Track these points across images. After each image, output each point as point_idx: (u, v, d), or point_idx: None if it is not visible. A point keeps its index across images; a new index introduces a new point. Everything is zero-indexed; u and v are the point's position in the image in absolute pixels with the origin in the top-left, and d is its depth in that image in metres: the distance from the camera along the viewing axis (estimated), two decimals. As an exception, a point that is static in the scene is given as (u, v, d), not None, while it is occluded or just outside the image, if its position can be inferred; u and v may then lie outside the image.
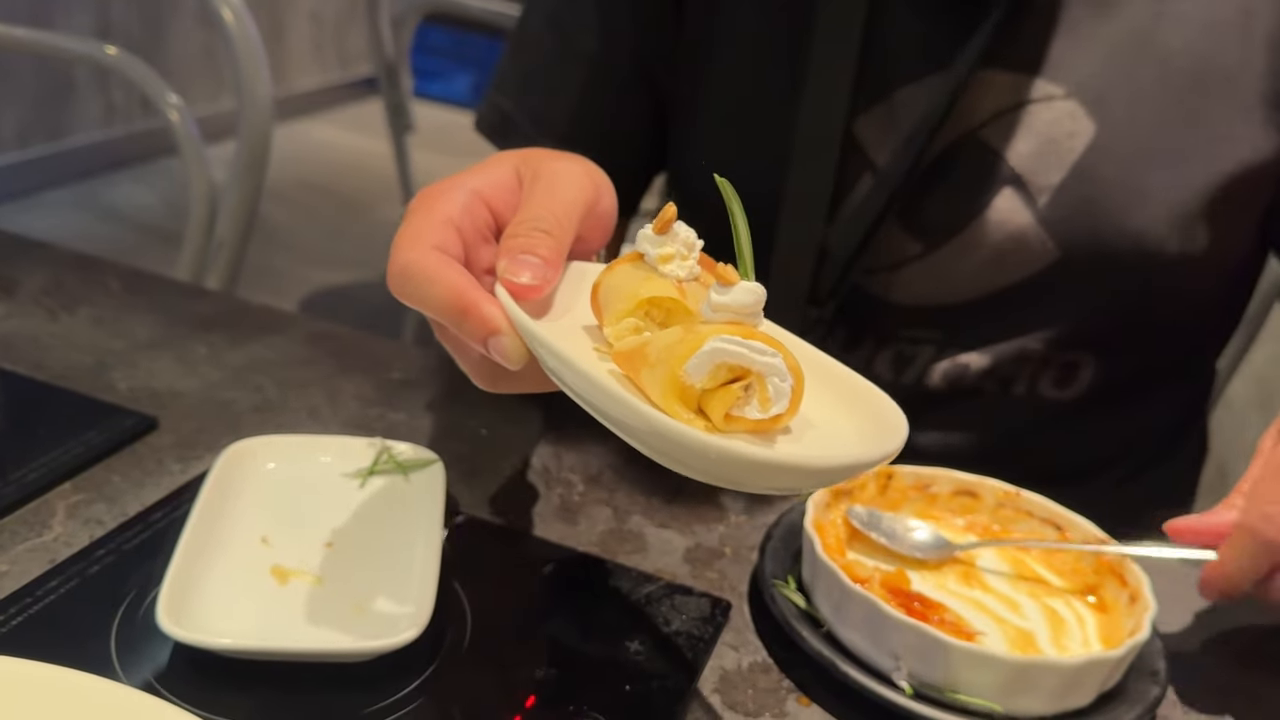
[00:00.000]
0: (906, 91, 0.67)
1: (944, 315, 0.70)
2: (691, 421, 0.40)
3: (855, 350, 0.73)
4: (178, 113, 1.04)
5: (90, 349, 0.68)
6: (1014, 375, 0.71)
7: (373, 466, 0.56)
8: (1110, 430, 0.75)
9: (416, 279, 0.44)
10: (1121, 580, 0.52)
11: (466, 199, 0.47)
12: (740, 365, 0.39)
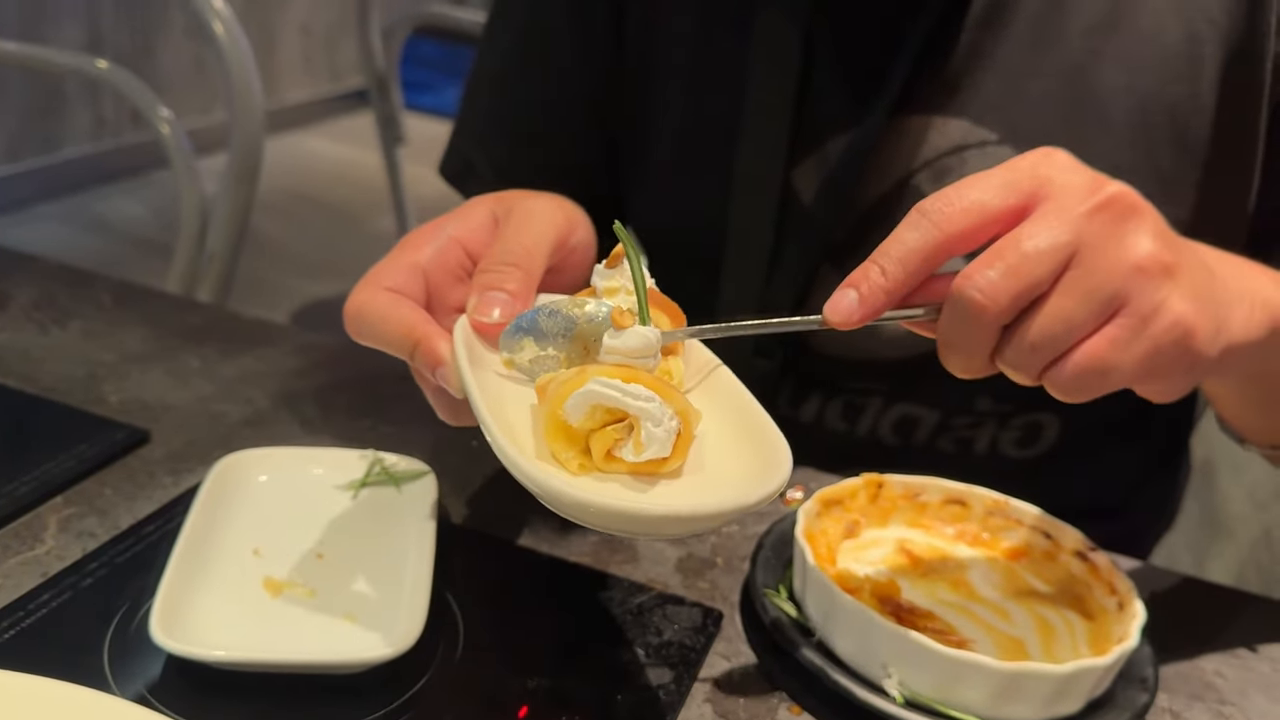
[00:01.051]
0: (838, 140, 0.67)
1: (889, 366, 0.70)
2: (571, 459, 0.41)
3: (805, 401, 0.73)
4: (169, 126, 1.04)
5: (81, 362, 0.68)
6: (973, 436, 0.71)
7: (365, 478, 0.56)
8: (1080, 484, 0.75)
9: (369, 318, 0.46)
10: (1110, 588, 0.53)
11: (441, 244, 0.49)
12: (617, 408, 0.40)
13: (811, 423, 0.73)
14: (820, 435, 0.73)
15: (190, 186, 1.02)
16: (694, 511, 0.39)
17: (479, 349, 0.45)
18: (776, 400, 0.73)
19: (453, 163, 0.79)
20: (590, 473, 0.42)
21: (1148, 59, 0.63)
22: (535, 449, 0.42)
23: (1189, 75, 0.63)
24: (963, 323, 0.40)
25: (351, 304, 0.46)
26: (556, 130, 0.76)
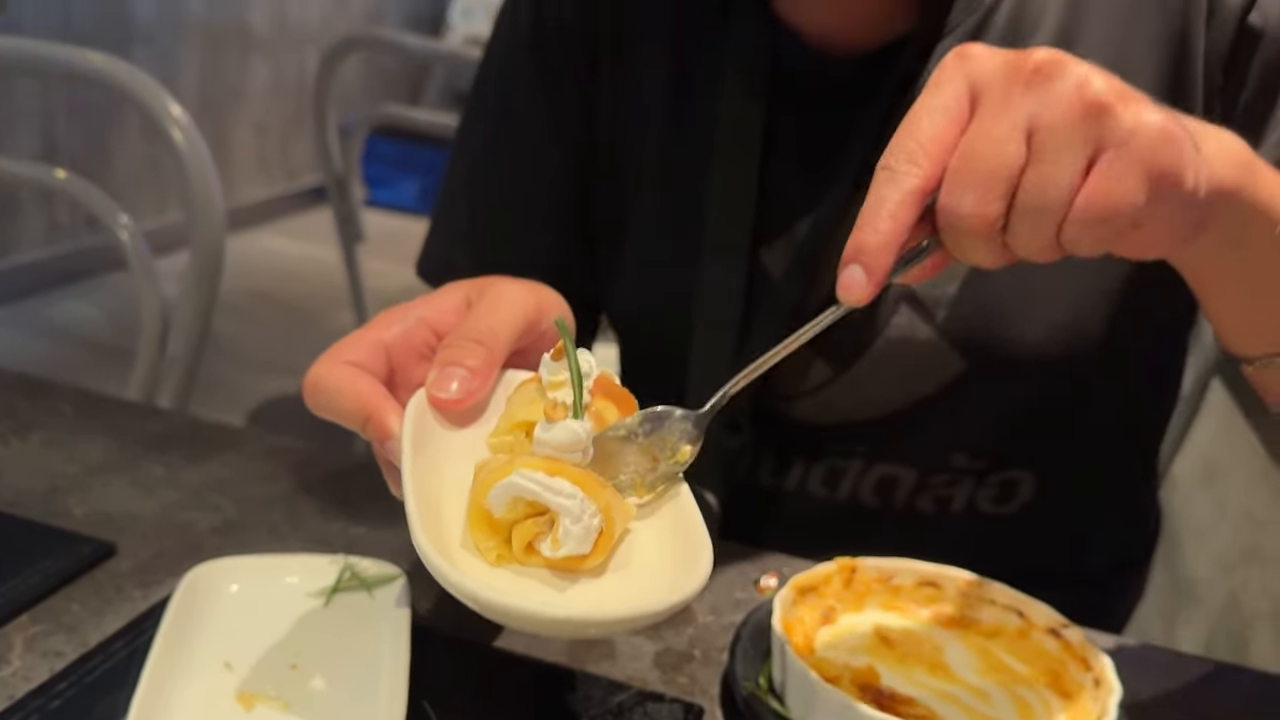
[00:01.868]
0: (803, 220, 0.69)
1: (868, 428, 0.71)
2: (491, 550, 0.42)
3: (788, 471, 0.74)
4: (128, 233, 1.04)
5: (43, 474, 0.67)
6: (951, 494, 0.72)
7: (336, 584, 0.56)
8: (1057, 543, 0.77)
9: (326, 390, 0.47)
10: (1085, 664, 0.53)
11: (409, 324, 0.49)
12: (538, 501, 0.40)
13: (795, 491, 0.73)
14: (804, 503, 0.73)
15: (151, 293, 1.02)
16: (591, 617, 0.39)
17: (436, 427, 0.46)
18: (759, 472, 0.74)
19: (430, 263, 0.80)
20: (509, 564, 0.42)
21: None
22: (462, 536, 0.42)
23: None
24: (967, 240, 0.43)
25: (310, 376, 0.47)
26: (534, 226, 0.77)
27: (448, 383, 0.46)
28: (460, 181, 0.80)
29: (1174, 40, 0.65)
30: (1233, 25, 0.63)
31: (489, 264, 0.78)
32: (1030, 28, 0.67)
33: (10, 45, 1.19)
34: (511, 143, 0.77)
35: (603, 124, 0.76)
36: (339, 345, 0.48)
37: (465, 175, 0.80)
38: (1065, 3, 0.67)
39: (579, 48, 0.75)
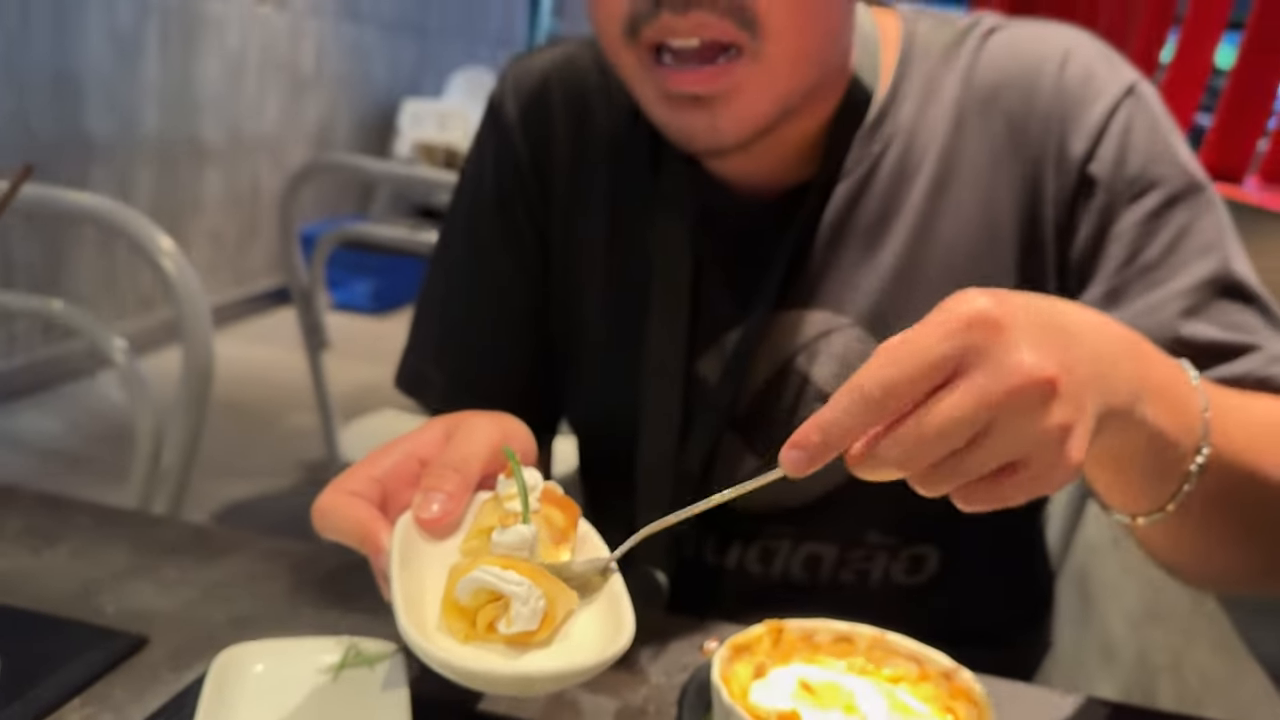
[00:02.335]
0: (730, 334, 0.82)
1: (794, 514, 0.84)
2: (459, 630, 0.53)
3: (728, 550, 0.86)
4: (123, 355, 1.15)
5: (75, 579, 0.77)
6: (869, 567, 0.84)
7: (343, 661, 0.66)
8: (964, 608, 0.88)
9: (330, 515, 0.58)
10: (971, 700, 0.64)
11: (397, 458, 0.61)
12: (495, 590, 0.52)
13: (734, 568, 0.85)
14: (741, 578, 0.85)
15: (146, 413, 1.12)
16: (536, 673, 0.51)
17: (419, 541, 0.57)
18: (703, 551, 0.85)
19: (407, 376, 0.92)
20: (474, 642, 0.53)
21: (959, 249, 0.79)
22: (438, 622, 0.54)
23: (991, 255, 0.79)
24: (872, 468, 0.51)
25: (317, 505, 0.58)
26: (498, 348, 0.89)
27: (430, 504, 0.57)
28: (434, 307, 0.92)
29: (1029, 184, 0.79)
30: (1075, 173, 0.77)
31: (458, 379, 0.90)
32: (911, 174, 0.81)
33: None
34: (478, 276, 0.90)
35: (555, 258, 0.89)
36: (341, 478, 0.59)
37: (438, 302, 0.92)
38: (939, 154, 0.80)
39: (535, 196, 0.88)
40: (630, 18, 0.71)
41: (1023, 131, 0.79)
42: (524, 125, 0.88)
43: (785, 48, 0.71)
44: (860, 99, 0.81)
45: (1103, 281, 0.75)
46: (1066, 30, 0.82)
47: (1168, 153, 0.76)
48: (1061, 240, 0.78)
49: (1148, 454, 0.58)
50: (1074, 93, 0.78)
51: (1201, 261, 0.73)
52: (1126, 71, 0.80)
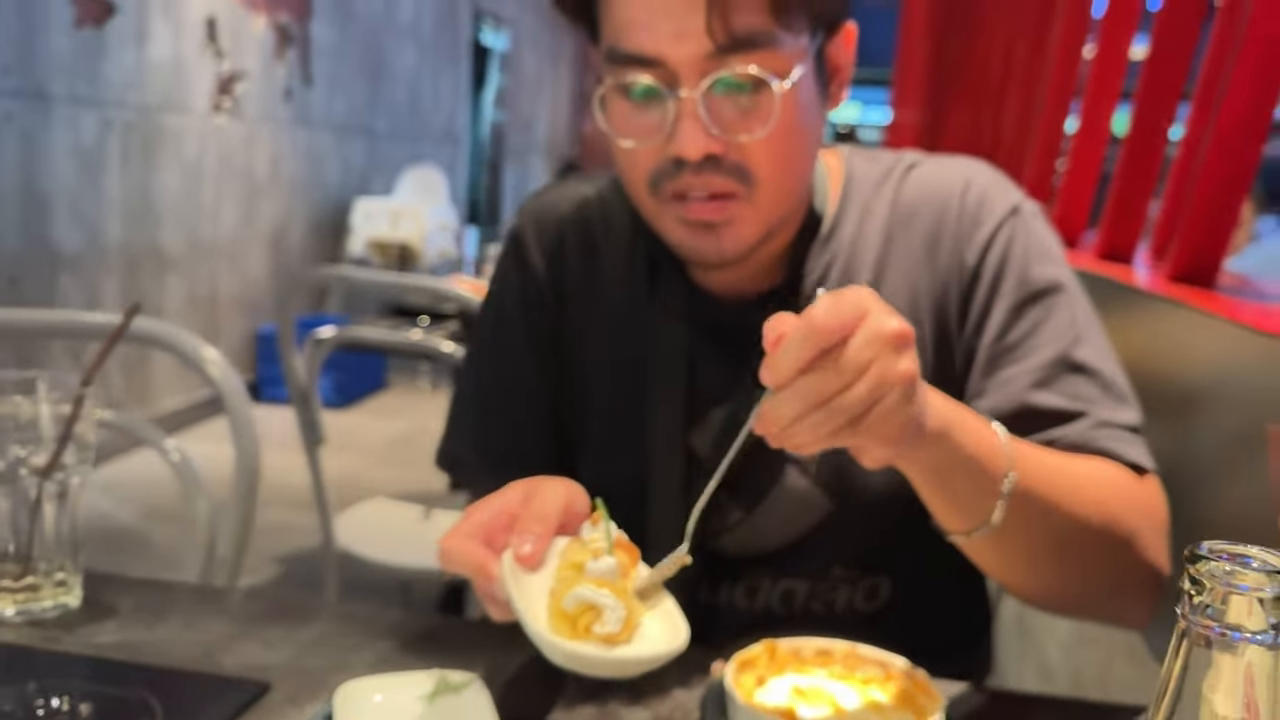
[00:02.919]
0: (718, 412, 1.02)
1: (772, 556, 1.03)
2: (562, 631, 0.75)
3: (718, 590, 1.05)
4: (179, 455, 1.31)
5: (193, 644, 0.93)
6: (834, 598, 1.03)
7: (436, 689, 0.83)
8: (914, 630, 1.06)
9: (453, 554, 0.79)
10: (927, 692, 0.83)
11: (493, 512, 0.82)
12: (592, 603, 0.73)
13: (724, 606, 1.03)
14: (730, 613, 1.03)
15: (202, 504, 1.28)
16: (626, 658, 0.73)
17: (520, 572, 0.76)
18: (699, 592, 1.03)
19: (446, 458, 1.11)
20: (576, 640, 0.73)
21: None
22: (547, 625, 0.73)
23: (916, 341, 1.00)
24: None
25: (442, 547, 0.80)
26: (523, 433, 1.09)
27: (524, 545, 0.76)
28: (469, 402, 1.11)
29: (941, 286, 1.01)
30: (969, 276, 0.99)
31: (492, 460, 1.08)
32: (853, 278, 1.02)
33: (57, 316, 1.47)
34: (506, 376, 1.09)
35: (568, 358, 1.08)
36: (455, 526, 0.78)
37: (472, 398, 1.11)
38: (874, 262, 1.02)
39: (552, 308, 1.08)
40: (656, 173, 0.93)
41: (936, 245, 1.01)
42: (541, 251, 1.09)
43: (770, 194, 0.93)
44: (814, 221, 1.03)
45: (981, 354, 0.98)
46: (969, 163, 1.05)
47: (1038, 260, 0.99)
48: (960, 327, 1.00)
49: (964, 475, 0.80)
50: (971, 214, 1.00)
51: (1052, 345, 0.96)
52: (1013, 194, 1.02)
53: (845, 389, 0.68)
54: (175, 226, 4.91)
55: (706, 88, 0.88)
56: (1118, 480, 0.92)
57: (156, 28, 4.63)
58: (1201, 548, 0.40)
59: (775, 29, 0.88)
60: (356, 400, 5.85)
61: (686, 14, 0.86)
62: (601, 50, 0.94)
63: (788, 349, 0.68)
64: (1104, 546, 0.90)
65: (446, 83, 8.42)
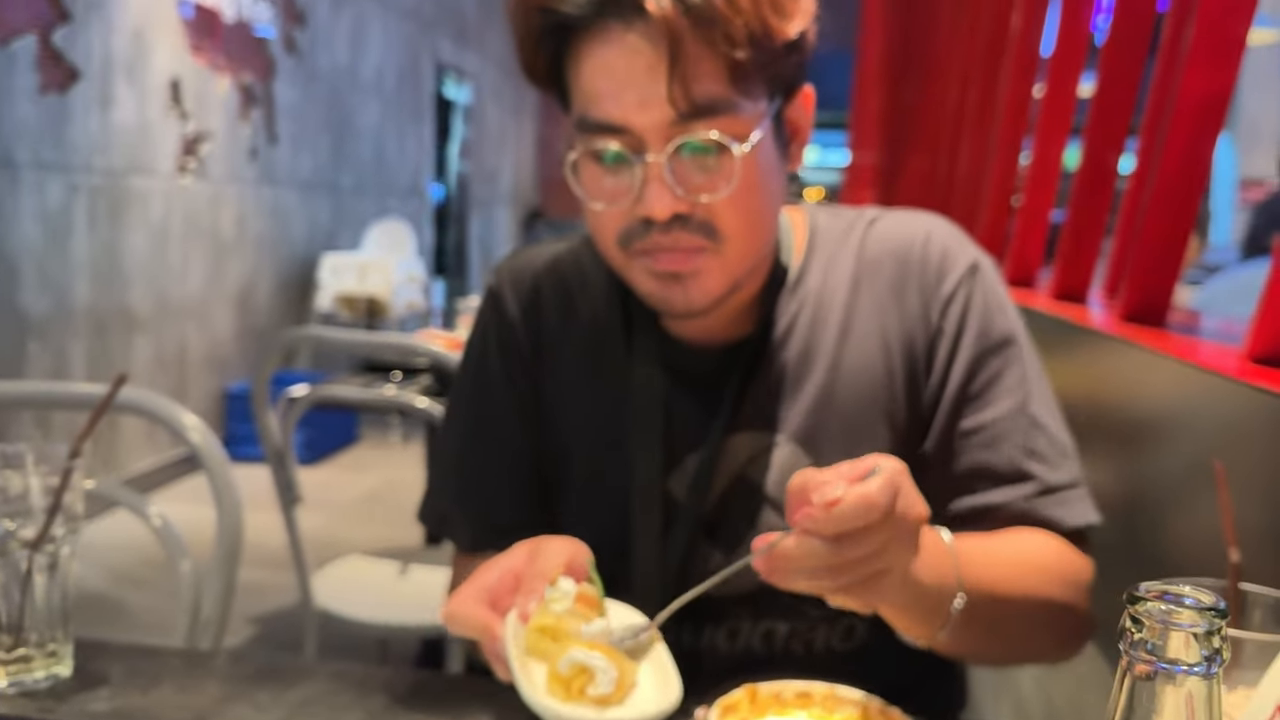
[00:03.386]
0: (693, 455, 1.06)
1: (751, 597, 1.06)
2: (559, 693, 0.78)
3: (703, 632, 1.07)
4: (161, 520, 1.33)
5: (185, 708, 0.94)
6: (812, 637, 1.06)
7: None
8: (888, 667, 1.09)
9: (459, 617, 0.82)
10: (900, 725, 0.86)
11: (499, 574, 0.86)
12: (584, 665, 0.76)
13: (707, 648, 1.06)
14: (713, 655, 1.06)
15: (186, 569, 1.29)
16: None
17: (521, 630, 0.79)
18: (682, 635, 1.06)
19: (433, 516, 1.14)
20: (570, 703, 0.75)
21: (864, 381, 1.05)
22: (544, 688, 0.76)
23: (887, 386, 1.05)
24: None
25: (447, 610, 0.82)
26: (504, 486, 1.12)
27: (527, 604, 0.79)
28: (451, 457, 1.14)
29: (907, 334, 1.05)
30: (933, 329, 1.04)
31: (473, 515, 1.11)
32: (821, 326, 1.06)
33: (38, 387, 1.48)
34: (487, 430, 1.12)
35: (547, 410, 1.11)
36: (461, 589, 0.83)
37: (455, 454, 1.14)
38: (841, 310, 1.06)
39: (530, 363, 1.12)
40: (626, 233, 0.97)
41: (901, 292, 1.06)
42: (520, 309, 1.12)
43: (737, 247, 0.98)
44: (781, 273, 1.07)
45: (944, 404, 1.04)
46: (927, 217, 1.10)
47: (993, 316, 1.05)
48: (927, 373, 1.05)
49: (920, 605, 0.88)
50: (935, 267, 1.05)
51: (1008, 398, 1.03)
52: (971, 250, 1.07)
53: (861, 562, 0.76)
54: (143, 287, 4.91)
55: (671, 151, 0.93)
56: (1057, 558, 1.00)
57: (121, 92, 4.66)
58: (1140, 589, 0.43)
59: (734, 96, 0.93)
60: (328, 455, 5.84)
61: (650, 84, 0.91)
62: (572, 118, 0.99)
63: (842, 515, 0.74)
64: (1039, 623, 0.99)
65: (411, 137, 8.49)
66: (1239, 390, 0.98)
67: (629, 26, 0.91)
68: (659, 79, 0.91)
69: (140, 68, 4.78)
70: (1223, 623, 0.41)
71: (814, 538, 0.75)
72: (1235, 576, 0.72)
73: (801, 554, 0.75)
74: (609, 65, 0.92)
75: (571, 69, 0.96)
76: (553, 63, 0.98)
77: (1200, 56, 1.23)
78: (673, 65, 0.90)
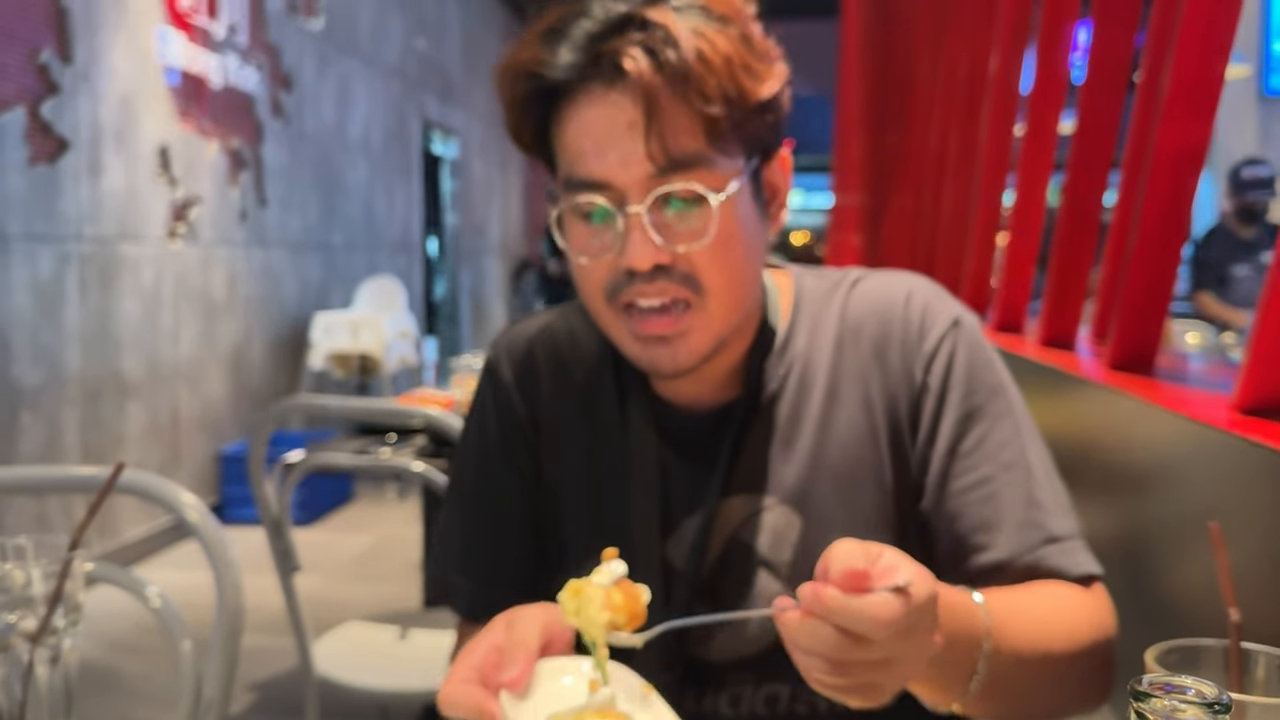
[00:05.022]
0: (689, 521, 1.07)
1: (751, 661, 1.06)
2: None
3: (704, 698, 1.07)
4: (160, 599, 1.32)
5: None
6: (815, 700, 1.06)
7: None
8: None
9: (455, 700, 0.82)
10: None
11: (484, 651, 0.85)
12: None
13: (710, 713, 1.06)
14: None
15: (185, 646, 1.29)
16: None
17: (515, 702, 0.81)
18: (684, 699, 1.06)
19: (436, 588, 1.14)
20: None
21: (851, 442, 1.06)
22: None
23: (872, 445, 1.06)
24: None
25: (443, 696, 0.82)
26: (508, 553, 1.12)
27: (510, 672, 0.81)
28: (454, 528, 1.15)
29: (891, 392, 1.06)
30: (917, 386, 1.05)
31: (480, 583, 1.11)
32: (808, 388, 1.07)
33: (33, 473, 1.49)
34: (489, 500, 1.13)
35: (545, 477, 1.12)
36: (453, 673, 0.83)
37: (459, 525, 1.15)
38: (827, 372, 1.07)
39: (529, 432, 1.13)
40: (611, 285, 0.99)
41: (884, 352, 1.07)
42: (516, 381, 1.14)
43: (720, 302, 1.00)
44: (768, 335, 1.09)
45: (934, 464, 1.04)
46: (908, 276, 1.12)
47: (979, 370, 1.06)
48: (913, 432, 1.06)
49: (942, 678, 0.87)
50: (916, 325, 1.07)
51: (1000, 454, 1.03)
52: (953, 307, 1.09)
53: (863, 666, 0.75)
54: (135, 353, 4.91)
55: (651, 203, 0.96)
56: (1073, 604, 0.99)
57: (109, 160, 4.69)
58: (1143, 683, 0.44)
59: (710, 152, 0.96)
60: (324, 515, 5.82)
61: (629, 141, 0.95)
62: (559, 179, 1.02)
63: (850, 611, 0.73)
64: (1068, 672, 0.96)
65: (399, 193, 8.55)
66: (1229, 441, 0.99)
67: (610, 87, 0.94)
68: (638, 135, 0.94)
69: (128, 136, 4.82)
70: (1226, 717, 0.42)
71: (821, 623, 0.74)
72: (1237, 636, 0.71)
73: (808, 636, 0.75)
74: (592, 124, 0.96)
75: (557, 131, 0.99)
76: (539, 127, 1.01)
77: (1176, 111, 1.25)
78: (649, 122, 0.93)
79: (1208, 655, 0.71)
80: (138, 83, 4.89)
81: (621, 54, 0.94)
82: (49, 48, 4.29)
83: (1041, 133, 2.01)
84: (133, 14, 4.85)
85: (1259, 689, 0.70)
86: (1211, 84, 1.26)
